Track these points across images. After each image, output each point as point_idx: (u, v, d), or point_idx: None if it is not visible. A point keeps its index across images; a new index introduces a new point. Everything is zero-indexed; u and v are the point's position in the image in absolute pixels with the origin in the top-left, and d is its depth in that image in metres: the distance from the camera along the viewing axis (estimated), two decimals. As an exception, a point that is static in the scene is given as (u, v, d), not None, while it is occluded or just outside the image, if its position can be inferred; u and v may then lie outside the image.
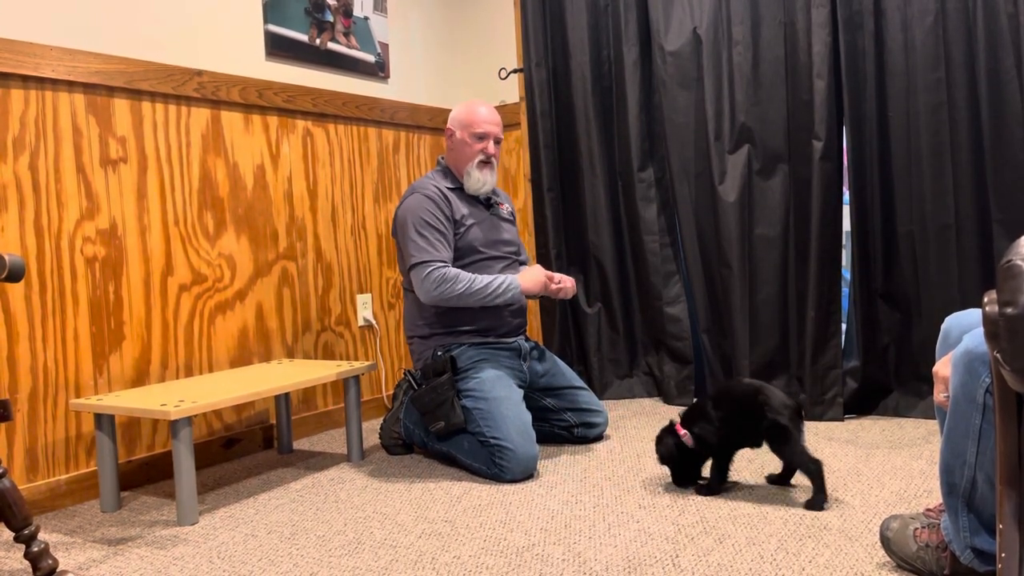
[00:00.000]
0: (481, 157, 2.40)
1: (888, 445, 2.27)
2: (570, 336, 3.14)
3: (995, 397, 1.03)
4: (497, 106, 2.77)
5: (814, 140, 2.57)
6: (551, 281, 2.34)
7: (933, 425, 2.43)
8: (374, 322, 2.99)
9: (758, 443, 1.88)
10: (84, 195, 2.14)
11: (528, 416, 2.21)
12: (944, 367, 1.27)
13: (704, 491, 1.93)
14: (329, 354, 2.82)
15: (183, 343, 2.36)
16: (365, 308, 2.96)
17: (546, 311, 3.12)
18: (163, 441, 2.32)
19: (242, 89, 2.51)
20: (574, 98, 3.06)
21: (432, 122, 3.25)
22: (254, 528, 1.85)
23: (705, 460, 1.97)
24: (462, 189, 2.44)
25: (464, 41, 3.42)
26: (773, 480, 1.96)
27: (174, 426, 1.87)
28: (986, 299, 0.96)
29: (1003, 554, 1.03)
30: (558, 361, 2.54)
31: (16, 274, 1.43)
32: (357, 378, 2.37)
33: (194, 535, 1.82)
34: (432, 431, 2.26)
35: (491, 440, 2.13)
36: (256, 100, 2.56)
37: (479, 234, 2.39)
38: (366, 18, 2.98)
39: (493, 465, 2.12)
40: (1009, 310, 0.90)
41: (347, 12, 2.89)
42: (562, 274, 2.51)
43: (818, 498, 1.78)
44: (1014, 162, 2.32)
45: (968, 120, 2.39)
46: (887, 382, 2.64)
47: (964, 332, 1.28)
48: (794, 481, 1.96)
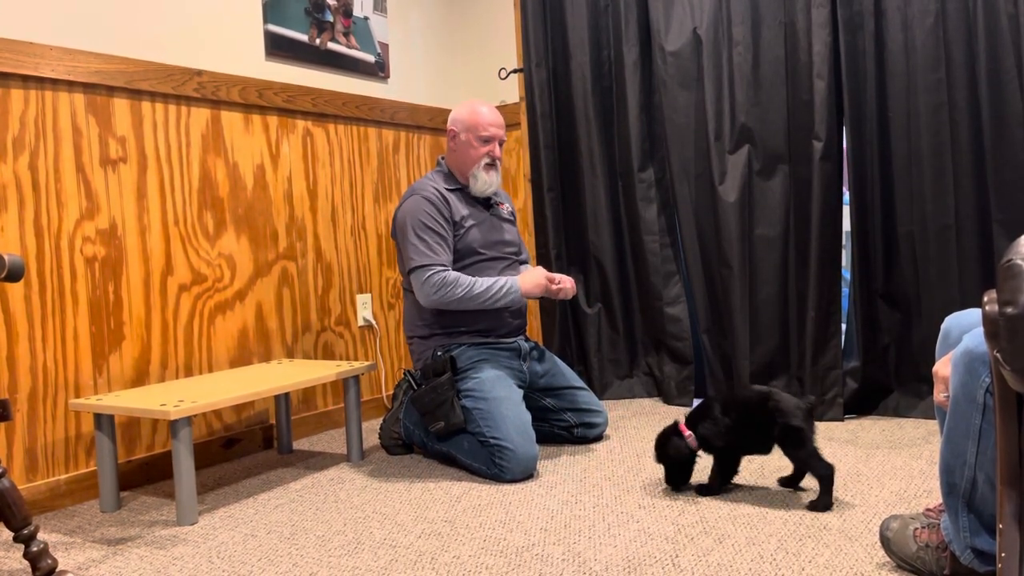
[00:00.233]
0: (487, 160, 2.40)
1: (888, 445, 2.27)
2: (570, 336, 3.14)
3: (995, 397, 1.03)
4: (497, 106, 2.77)
5: (814, 140, 2.57)
6: (551, 283, 2.34)
7: (933, 425, 2.43)
8: (374, 322, 2.99)
9: (767, 449, 1.87)
10: (84, 195, 2.14)
11: (528, 416, 2.21)
12: (944, 367, 1.27)
13: (704, 491, 1.93)
14: (329, 354, 2.82)
15: (183, 343, 2.36)
16: (365, 308, 2.96)
17: (546, 311, 3.12)
18: (163, 441, 2.32)
19: (242, 89, 2.51)
20: (574, 98, 3.06)
21: (432, 122, 3.25)
22: (254, 528, 1.85)
23: (694, 465, 1.97)
24: (462, 190, 2.44)
25: (464, 41, 3.42)
26: (784, 482, 1.96)
27: (174, 426, 1.87)
28: (986, 299, 0.96)
29: (1003, 554, 1.03)
30: (558, 361, 2.54)
31: (16, 274, 1.43)
32: (357, 378, 2.37)
33: (194, 535, 1.82)
34: (432, 431, 2.26)
35: (491, 440, 2.13)
36: (256, 100, 2.56)
37: (478, 235, 2.39)
38: (366, 18, 2.98)
39: (493, 465, 2.12)
40: (1009, 309, 0.90)
41: (347, 12, 2.89)
42: (562, 274, 2.50)
43: (824, 500, 1.77)
44: (1014, 162, 2.32)
45: (968, 120, 2.39)
46: (887, 382, 2.64)
47: (964, 332, 1.28)
48: (803, 483, 1.95)
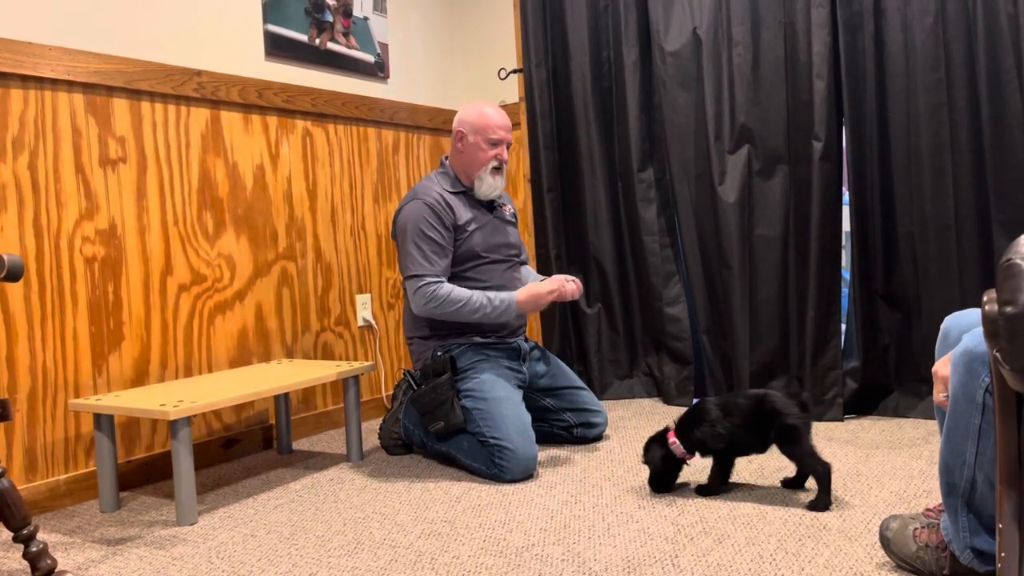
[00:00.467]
0: (494, 163, 2.39)
1: (888, 445, 2.27)
2: (570, 336, 3.14)
3: (995, 397, 1.03)
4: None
5: (814, 140, 2.57)
6: (551, 295, 2.30)
7: (933, 425, 2.43)
8: (373, 322, 2.99)
9: (764, 448, 1.89)
10: (83, 195, 2.14)
11: (528, 416, 2.21)
12: (944, 367, 1.27)
13: (704, 492, 1.93)
14: (329, 354, 2.82)
15: (182, 343, 2.36)
16: (364, 308, 2.95)
17: (546, 312, 3.12)
18: (162, 441, 2.31)
19: (241, 89, 2.51)
20: (574, 98, 3.05)
21: (432, 122, 3.24)
22: (253, 528, 1.85)
23: (679, 472, 1.97)
24: (465, 193, 2.42)
25: (464, 41, 3.42)
26: (787, 483, 1.96)
27: (173, 426, 1.87)
28: (986, 298, 0.96)
29: (1003, 554, 1.03)
30: (558, 361, 2.54)
31: (15, 274, 1.43)
32: (356, 378, 2.37)
33: (193, 535, 1.82)
34: (432, 431, 2.26)
35: (491, 440, 2.13)
36: (256, 100, 2.56)
37: (481, 239, 2.38)
38: (366, 18, 2.97)
39: (493, 465, 2.12)
40: (1009, 309, 0.90)
41: (347, 12, 2.89)
42: (566, 275, 2.45)
43: (823, 499, 1.77)
44: (1014, 162, 2.32)
45: (968, 120, 2.39)
46: (887, 382, 2.64)
47: (964, 332, 1.28)
48: (805, 484, 1.95)
